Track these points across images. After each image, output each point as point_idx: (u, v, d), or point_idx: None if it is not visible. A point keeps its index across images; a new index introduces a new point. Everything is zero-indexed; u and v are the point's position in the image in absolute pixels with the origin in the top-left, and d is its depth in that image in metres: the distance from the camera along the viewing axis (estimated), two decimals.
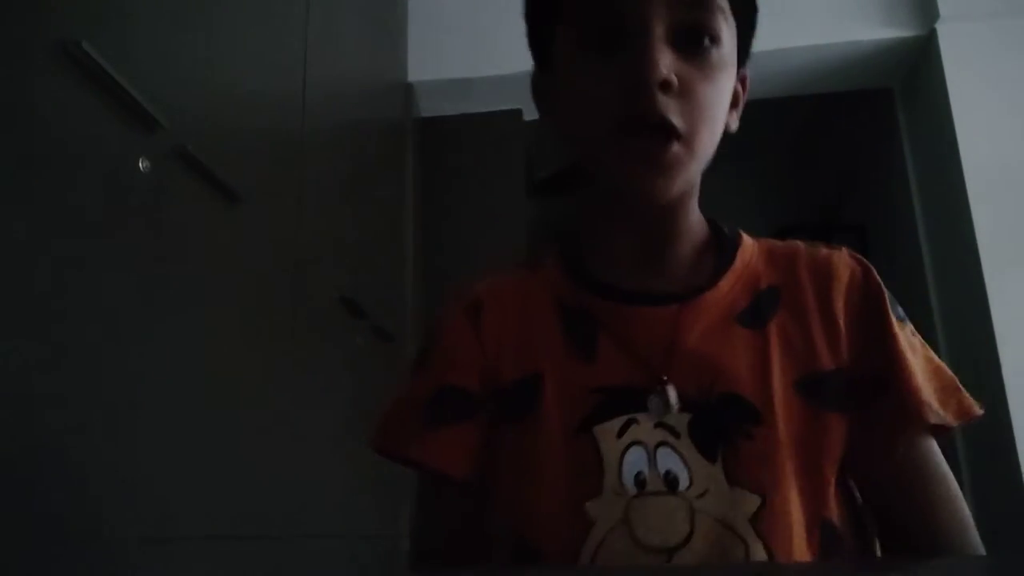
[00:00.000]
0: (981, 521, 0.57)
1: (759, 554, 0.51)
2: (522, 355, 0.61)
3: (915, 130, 2.25)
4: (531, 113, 2.26)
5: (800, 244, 0.63)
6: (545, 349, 0.60)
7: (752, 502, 0.52)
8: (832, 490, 0.55)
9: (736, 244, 0.63)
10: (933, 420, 0.54)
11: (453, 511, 0.61)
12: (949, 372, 0.58)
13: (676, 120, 0.53)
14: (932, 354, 0.59)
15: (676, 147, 0.54)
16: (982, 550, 0.55)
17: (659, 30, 0.53)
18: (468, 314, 0.63)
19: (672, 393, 0.55)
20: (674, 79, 0.53)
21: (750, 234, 0.65)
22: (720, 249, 0.62)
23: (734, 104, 0.61)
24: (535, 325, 0.62)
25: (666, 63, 0.52)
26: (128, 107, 0.86)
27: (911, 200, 2.24)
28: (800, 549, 0.52)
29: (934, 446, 0.57)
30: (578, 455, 0.55)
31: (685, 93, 0.54)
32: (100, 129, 0.83)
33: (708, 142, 0.56)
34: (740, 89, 0.63)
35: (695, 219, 0.63)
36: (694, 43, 0.54)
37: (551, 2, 0.60)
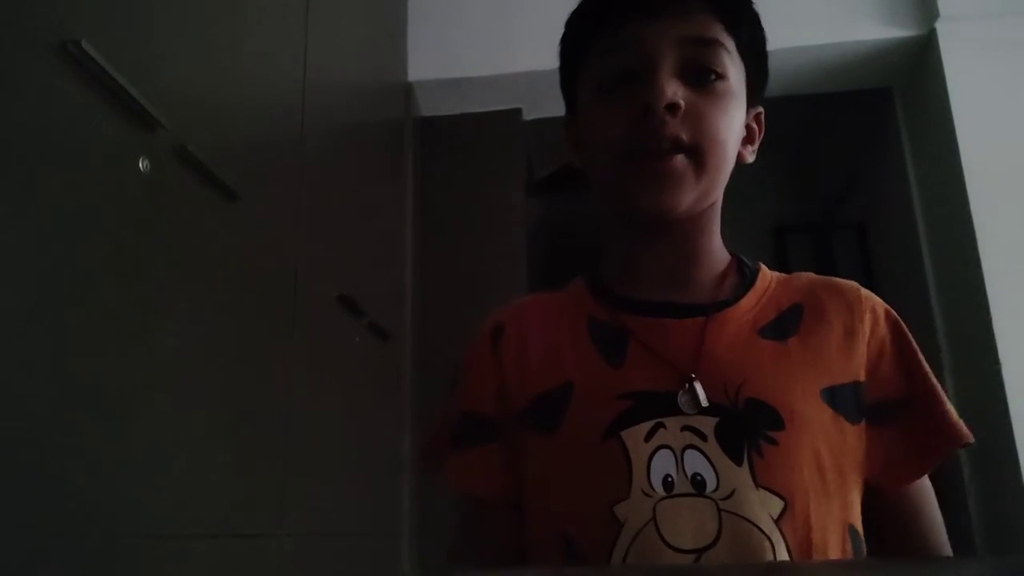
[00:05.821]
0: (982, 521, 0.58)
1: (782, 554, 0.52)
2: (551, 366, 0.63)
3: (915, 130, 2.24)
4: (531, 113, 2.26)
5: (813, 274, 0.66)
6: (575, 359, 0.62)
7: (776, 504, 0.53)
8: (857, 498, 0.57)
9: (756, 270, 0.66)
10: (970, 440, 0.57)
11: (487, 528, 0.64)
12: None
13: (683, 135, 0.57)
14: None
15: (680, 159, 0.57)
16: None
17: (667, 65, 0.58)
18: (489, 340, 0.66)
19: (700, 390, 0.57)
20: (680, 101, 0.57)
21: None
22: (742, 275, 0.65)
23: (750, 140, 0.66)
24: (564, 337, 0.64)
25: (672, 89, 0.57)
26: (128, 107, 0.86)
27: (911, 200, 2.23)
28: (822, 553, 0.53)
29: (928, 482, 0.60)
30: (607, 459, 0.56)
31: (691, 115, 0.57)
32: (100, 129, 0.83)
33: (717, 158, 0.59)
34: (756, 126, 0.67)
35: (716, 246, 0.66)
36: (701, 77, 0.59)
37: (576, 50, 0.65)
